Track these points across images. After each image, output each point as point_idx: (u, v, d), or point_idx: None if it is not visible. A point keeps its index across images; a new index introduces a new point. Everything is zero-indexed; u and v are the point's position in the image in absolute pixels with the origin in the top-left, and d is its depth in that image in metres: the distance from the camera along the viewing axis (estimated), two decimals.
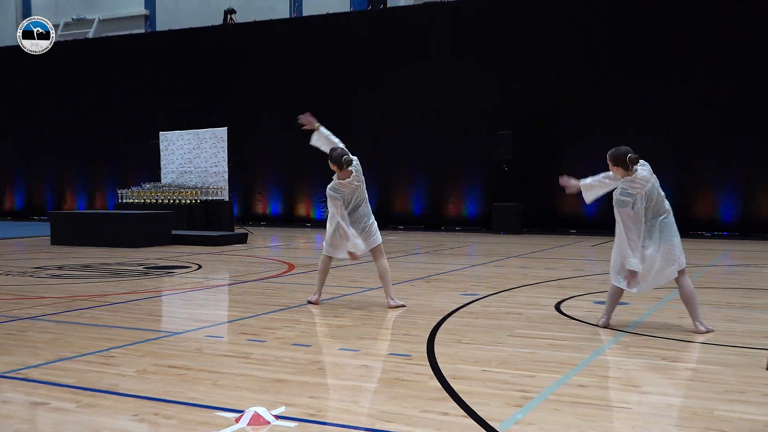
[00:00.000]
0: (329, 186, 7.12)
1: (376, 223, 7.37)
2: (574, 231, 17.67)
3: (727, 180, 16.38)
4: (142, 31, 25.58)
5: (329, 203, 7.13)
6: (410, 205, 19.60)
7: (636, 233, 5.88)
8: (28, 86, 24.70)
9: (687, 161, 16.59)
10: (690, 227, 16.59)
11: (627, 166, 5.91)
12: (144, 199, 17.49)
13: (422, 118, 19.21)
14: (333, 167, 7.09)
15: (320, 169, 20.03)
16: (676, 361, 5.14)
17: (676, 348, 5.52)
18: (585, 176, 6.52)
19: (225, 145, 17.66)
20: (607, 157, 6.06)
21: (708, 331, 5.97)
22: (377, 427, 3.73)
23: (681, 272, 6.02)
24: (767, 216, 16.19)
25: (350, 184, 7.08)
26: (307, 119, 7.29)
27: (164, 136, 18.65)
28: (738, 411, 3.95)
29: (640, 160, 5.99)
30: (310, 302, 7.48)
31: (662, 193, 6.02)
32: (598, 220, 17.20)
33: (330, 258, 7.45)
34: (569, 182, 6.53)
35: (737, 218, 16.45)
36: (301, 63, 20.71)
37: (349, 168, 7.04)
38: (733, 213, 16.46)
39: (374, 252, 7.32)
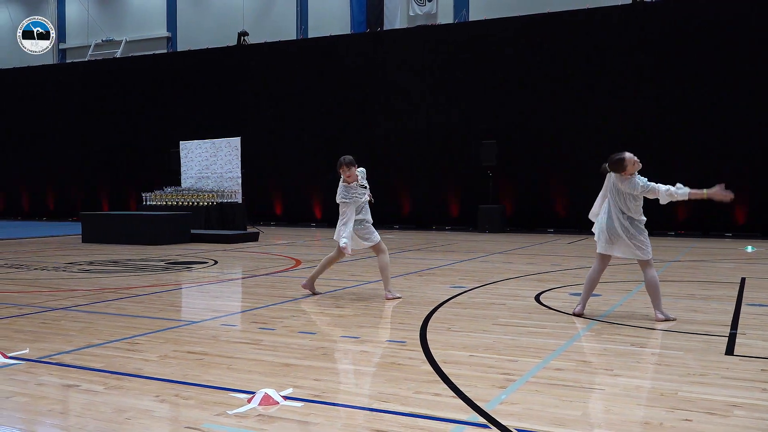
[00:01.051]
0: (345, 195, 7.04)
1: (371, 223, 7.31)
2: (552, 230, 17.67)
3: (693, 185, 16.33)
4: (165, 51, 25.56)
5: (345, 207, 7.05)
6: (404, 207, 19.57)
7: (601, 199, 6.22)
8: (65, 100, 24.65)
9: (662, 167, 16.47)
10: (656, 226, 16.63)
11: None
12: (166, 202, 17.46)
13: (416, 128, 19.20)
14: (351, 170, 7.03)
15: (323, 174, 20.12)
16: (643, 347, 5.13)
17: (644, 335, 5.50)
18: (566, 181, 6.50)
19: (239, 153, 17.67)
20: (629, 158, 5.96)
21: (667, 320, 5.95)
22: (375, 406, 3.70)
23: (647, 264, 6.02)
24: (722, 217, 16.19)
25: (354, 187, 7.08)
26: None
27: (184, 145, 18.64)
28: (699, 392, 3.93)
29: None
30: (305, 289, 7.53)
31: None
32: (573, 220, 17.22)
33: (339, 255, 7.35)
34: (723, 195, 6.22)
35: (698, 218, 16.45)
36: (307, 79, 20.69)
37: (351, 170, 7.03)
38: (695, 214, 16.45)
39: (376, 249, 7.27)
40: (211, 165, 18.05)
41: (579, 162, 17.10)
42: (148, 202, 17.70)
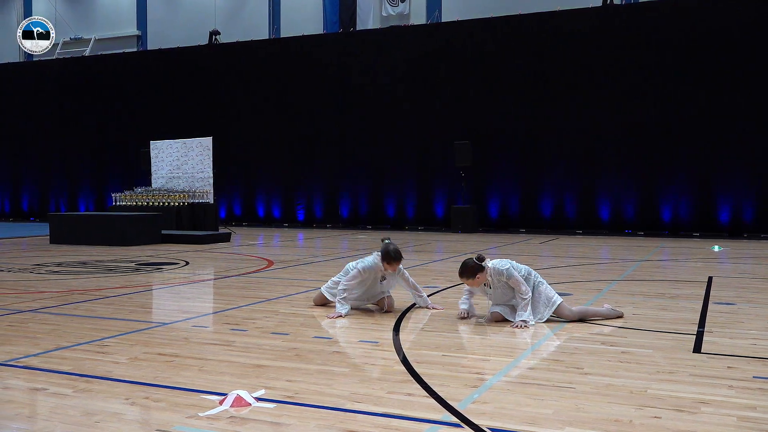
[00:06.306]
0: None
1: None
2: (524, 230, 17.79)
3: (662, 186, 16.59)
4: (135, 49, 25.26)
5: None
6: (378, 207, 19.57)
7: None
8: (31, 99, 24.24)
9: (631, 169, 16.73)
10: (626, 227, 16.88)
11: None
12: (136, 202, 17.27)
13: (389, 129, 19.21)
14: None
15: (295, 175, 20.04)
16: (613, 345, 5.18)
17: (614, 334, 5.57)
18: (540, 182, 6.50)
19: (210, 153, 17.54)
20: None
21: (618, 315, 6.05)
22: (348, 407, 3.70)
23: (558, 307, 5.92)
24: (691, 218, 16.45)
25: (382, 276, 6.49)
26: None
27: (155, 145, 18.45)
28: (668, 389, 3.99)
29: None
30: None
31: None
32: (546, 221, 17.41)
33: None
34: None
35: (668, 219, 16.69)
36: (279, 78, 20.60)
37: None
38: (666, 215, 16.69)
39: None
40: (183, 165, 17.90)
41: (553, 162, 17.27)
42: (119, 203, 17.50)
